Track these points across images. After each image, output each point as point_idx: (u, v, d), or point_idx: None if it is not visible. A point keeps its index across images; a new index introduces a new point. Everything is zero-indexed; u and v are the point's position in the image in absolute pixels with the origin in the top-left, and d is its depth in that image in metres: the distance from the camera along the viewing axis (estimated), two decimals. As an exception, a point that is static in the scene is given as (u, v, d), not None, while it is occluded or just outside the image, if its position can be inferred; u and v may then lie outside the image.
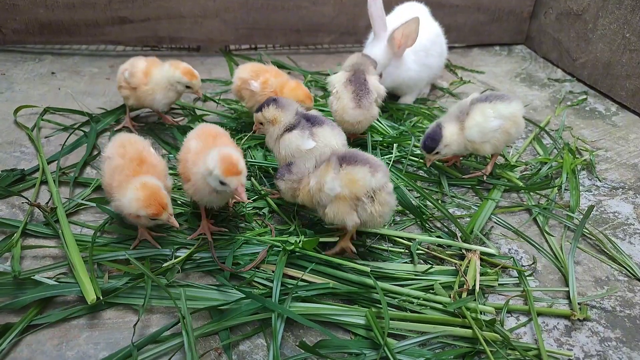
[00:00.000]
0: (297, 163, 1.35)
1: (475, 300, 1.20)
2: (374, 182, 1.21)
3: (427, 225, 1.49)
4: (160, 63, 1.82)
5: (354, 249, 1.34)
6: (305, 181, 1.31)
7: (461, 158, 1.79)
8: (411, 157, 1.78)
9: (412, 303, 1.20)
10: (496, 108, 1.58)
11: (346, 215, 1.24)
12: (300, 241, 1.31)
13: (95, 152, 1.78)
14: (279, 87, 1.80)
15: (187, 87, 1.78)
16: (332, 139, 1.47)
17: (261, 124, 1.55)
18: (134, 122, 1.97)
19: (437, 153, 1.62)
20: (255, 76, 1.82)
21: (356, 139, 1.87)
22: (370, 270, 1.26)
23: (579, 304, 1.23)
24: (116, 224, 1.43)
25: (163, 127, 1.96)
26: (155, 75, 1.78)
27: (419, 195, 1.59)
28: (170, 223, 1.24)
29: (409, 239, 1.41)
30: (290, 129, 1.47)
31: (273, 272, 1.25)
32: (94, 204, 1.49)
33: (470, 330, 1.13)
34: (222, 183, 1.18)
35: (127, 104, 1.88)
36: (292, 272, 1.27)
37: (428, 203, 1.56)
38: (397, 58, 2.02)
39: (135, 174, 1.26)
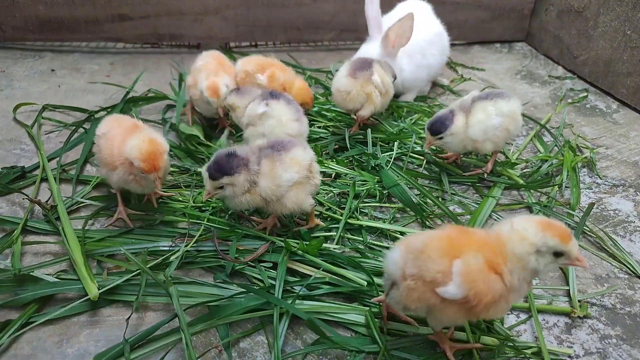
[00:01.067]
0: (238, 150, 1.25)
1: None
2: (308, 157, 1.29)
3: (427, 222, 1.48)
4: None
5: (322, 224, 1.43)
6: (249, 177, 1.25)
7: (461, 155, 1.79)
8: (412, 155, 1.78)
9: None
10: (497, 106, 1.57)
11: (304, 200, 1.29)
12: (304, 243, 1.31)
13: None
14: (288, 83, 1.80)
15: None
16: (282, 111, 1.51)
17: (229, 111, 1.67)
18: None
19: (440, 138, 1.58)
20: (261, 70, 1.81)
21: (355, 134, 1.86)
22: (371, 267, 1.26)
23: (579, 301, 1.23)
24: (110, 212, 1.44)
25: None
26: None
27: (419, 192, 1.59)
28: (155, 185, 1.28)
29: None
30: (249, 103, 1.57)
31: (265, 268, 1.25)
32: (94, 202, 1.49)
33: (469, 329, 1.13)
34: (558, 254, 0.90)
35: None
36: (292, 265, 1.27)
37: (428, 201, 1.56)
38: (392, 58, 2.01)
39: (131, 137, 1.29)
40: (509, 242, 0.91)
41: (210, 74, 1.73)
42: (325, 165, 1.67)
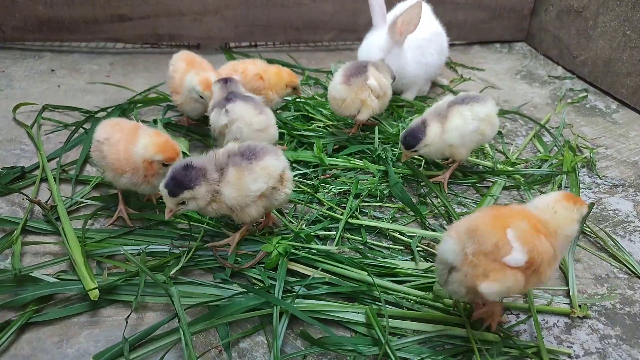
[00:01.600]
0: (194, 160, 1.19)
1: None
2: (281, 165, 1.25)
3: (426, 222, 1.48)
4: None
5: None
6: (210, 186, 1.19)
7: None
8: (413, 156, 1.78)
9: (410, 301, 1.21)
10: (474, 110, 1.56)
11: (259, 210, 1.26)
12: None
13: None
14: (263, 72, 1.81)
15: (201, 97, 1.72)
16: (244, 111, 1.51)
17: None
18: None
19: (415, 151, 1.58)
20: (234, 72, 1.82)
21: (355, 136, 1.86)
22: (371, 267, 1.26)
23: (579, 305, 1.23)
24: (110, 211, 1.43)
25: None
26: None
27: (423, 186, 1.59)
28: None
29: (410, 236, 1.41)
30: (213, 109, 1.56)
31: (265, 268, 1.26)
32: (94, 202, 1.49)
33: (468, 327, 1.13)
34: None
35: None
36: (292, 265, 1.27)
37: (428, 200, 1.56)
38: (399, 47, 2.01)
39: (136, 140, 1.31)
40: (552, 219, 1.02)
41: (183, 75, 1.77)
42: (334, 157, 1.70)
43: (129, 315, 1.11)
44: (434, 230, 1.46)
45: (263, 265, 1.28)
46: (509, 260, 0.94)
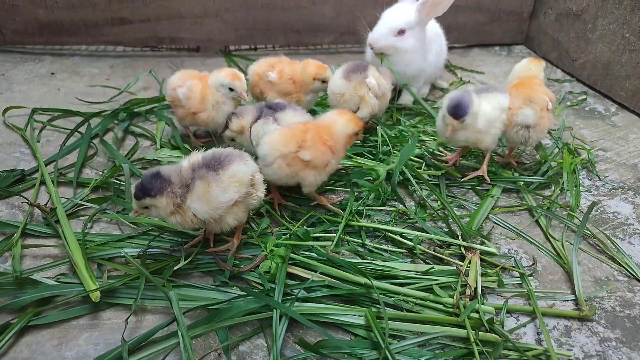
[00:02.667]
0: (162, 169, 1.17)
1: (476, 301, 1.19)
2: (250, 170, 1.23)
3: (427, 226, 1.48)
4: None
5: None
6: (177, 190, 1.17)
7: (460, 158, 1.79)
8: (411, 158, 1.78)
9: (410, 303, 1.20)
10: (498, 100, 1.62)
11: (239, 216, 1.25)
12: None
13: (92, 152, 1.78)
14: (295, 76, 1.83)
15: (231, 89, 1.71)
16: (294, 119, 1.51)
17: (233, 140, 1.58)
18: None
19: (463, 121, 1.55)
20: (271, 68, 1.85)
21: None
22: (371, 270, 1.26)
23: (585, 301, 1.23)
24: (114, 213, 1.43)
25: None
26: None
27: (421, 192, 1.59)
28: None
29: (410, 239, 1.41)
30: (255, 121, 1.53)
31: (265, 271, 1.26)
32: (93, 205, 1.49)
33: (469, 326, 1.12)
34: None
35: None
36: (291, 269, 1.27)
37: (428, 204, 1.56)
38: (421, 27, 2.04)
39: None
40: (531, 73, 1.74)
41: (203, 88, 1.72)
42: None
43: (128, 318, 1.11)
44: (432, 233, 1.46)
45: (265, 271, 1.28)
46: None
